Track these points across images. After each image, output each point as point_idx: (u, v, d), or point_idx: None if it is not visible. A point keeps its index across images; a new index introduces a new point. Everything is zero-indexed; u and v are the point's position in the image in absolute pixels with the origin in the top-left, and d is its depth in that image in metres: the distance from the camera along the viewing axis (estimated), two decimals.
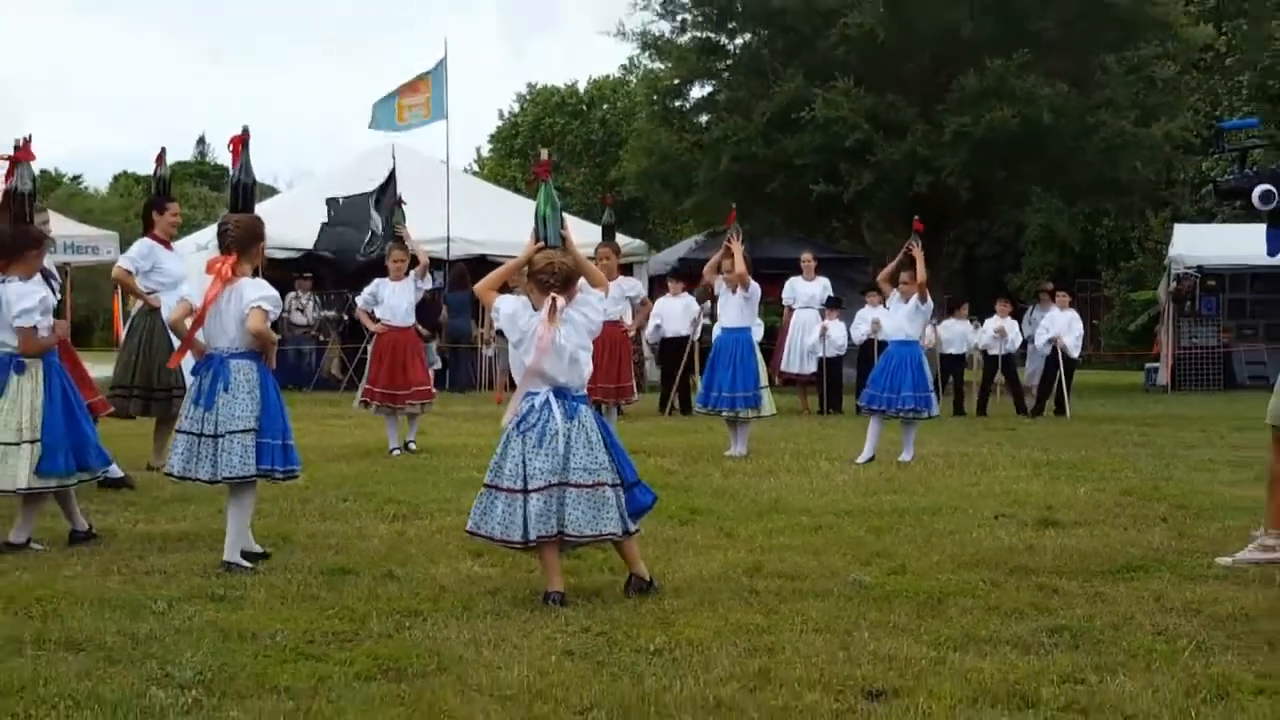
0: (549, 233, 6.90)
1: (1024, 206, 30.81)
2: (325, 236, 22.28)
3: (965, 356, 20.91)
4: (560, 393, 6.51)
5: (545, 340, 6.43)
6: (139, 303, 11.37)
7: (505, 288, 6.95)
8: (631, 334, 15.97)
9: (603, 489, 6.44)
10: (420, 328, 13.18)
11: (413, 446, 13.04)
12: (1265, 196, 7.20)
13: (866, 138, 25.10)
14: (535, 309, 6.58)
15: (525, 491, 6.35)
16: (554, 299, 6.51)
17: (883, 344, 15.11)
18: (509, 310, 6.65)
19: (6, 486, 7.55)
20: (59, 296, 10.03)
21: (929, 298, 12.86)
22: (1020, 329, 21.48)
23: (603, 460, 6.48)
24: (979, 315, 21.64)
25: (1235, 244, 24.69)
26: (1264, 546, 7.42)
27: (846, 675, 5.12)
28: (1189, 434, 15.95)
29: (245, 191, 7.94)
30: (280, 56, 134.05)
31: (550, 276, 6.59)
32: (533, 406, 6.47)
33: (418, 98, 25.22)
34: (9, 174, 8.69)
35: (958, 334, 20.51)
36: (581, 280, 6.81)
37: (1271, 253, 7.46)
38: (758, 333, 13.87)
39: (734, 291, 13.10)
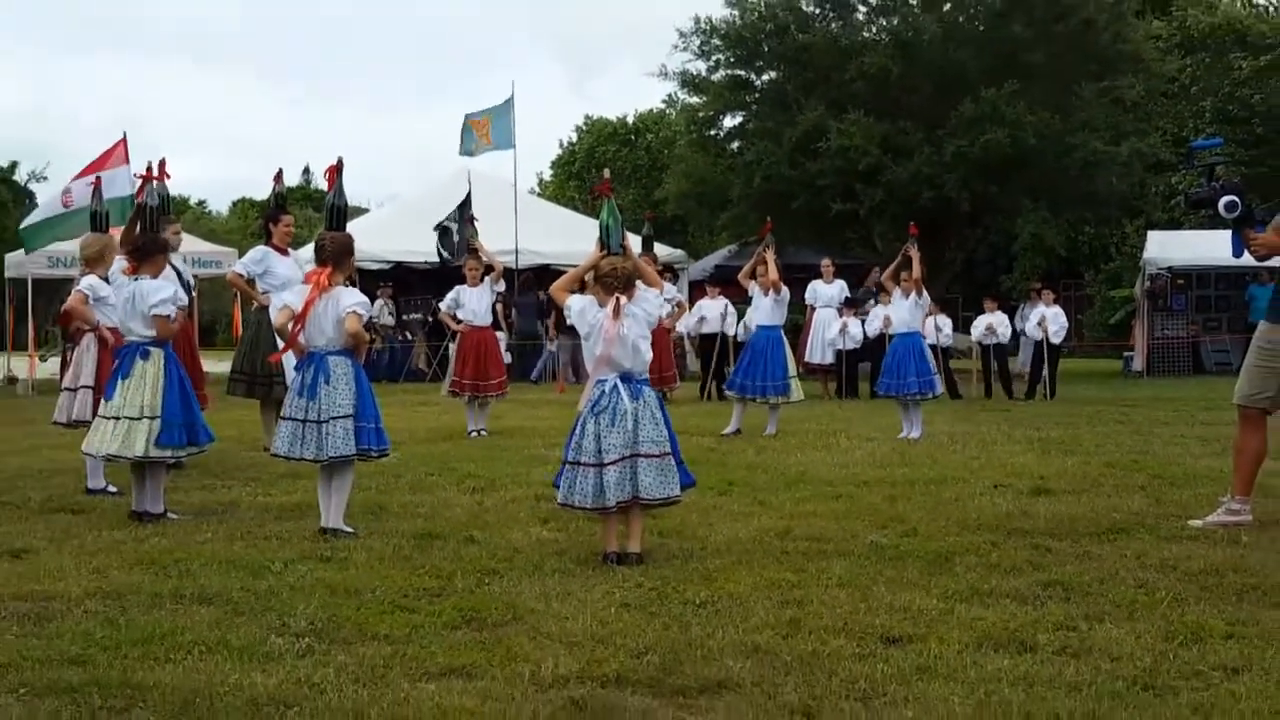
0: (612, 241, 6.92)
1: (1015, 217, 30.58)
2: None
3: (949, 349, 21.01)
4: (625, 377, 6.53)
5: (611, 332, 6.46)
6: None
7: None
8: (673, 332, 16.04)
9: (667, 458, 6.47)
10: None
11: (484, 432, 13.07)
12: (1230, 206, 7.18)
13: (877, 161, 25.07)
14: (601, 306, 6.61)
15: (601, 465, 6.37)
16: (618, 297, 6.54)
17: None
18: (579, 307, 6.68)
19: (127, 454, 7.63)
20: (193, 296, 10.16)
21: (925, 291, 12.99)
22: (1013, 323, 21.56)
23: (665, 434, 6.50)
24: (975, 312, 21.59)
25: (1202, 248, 24.47)
26: (1230, 510, 7.37)
27: (867, 624, 5.11)
28: (1163, 413, 15.78)
29: (338, 212, 8.00)
30: (371, 96, 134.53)
31: (614, 279, 6.62)
32: (603, 391, 6.49)
33: (481, 131, 25.41)
34: (140, 191, 8.83)
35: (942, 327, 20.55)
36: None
37: (1236, 254, 7.42)
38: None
39: (766, 294, 13.15)
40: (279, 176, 11.88)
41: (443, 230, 19.98)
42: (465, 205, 18.82)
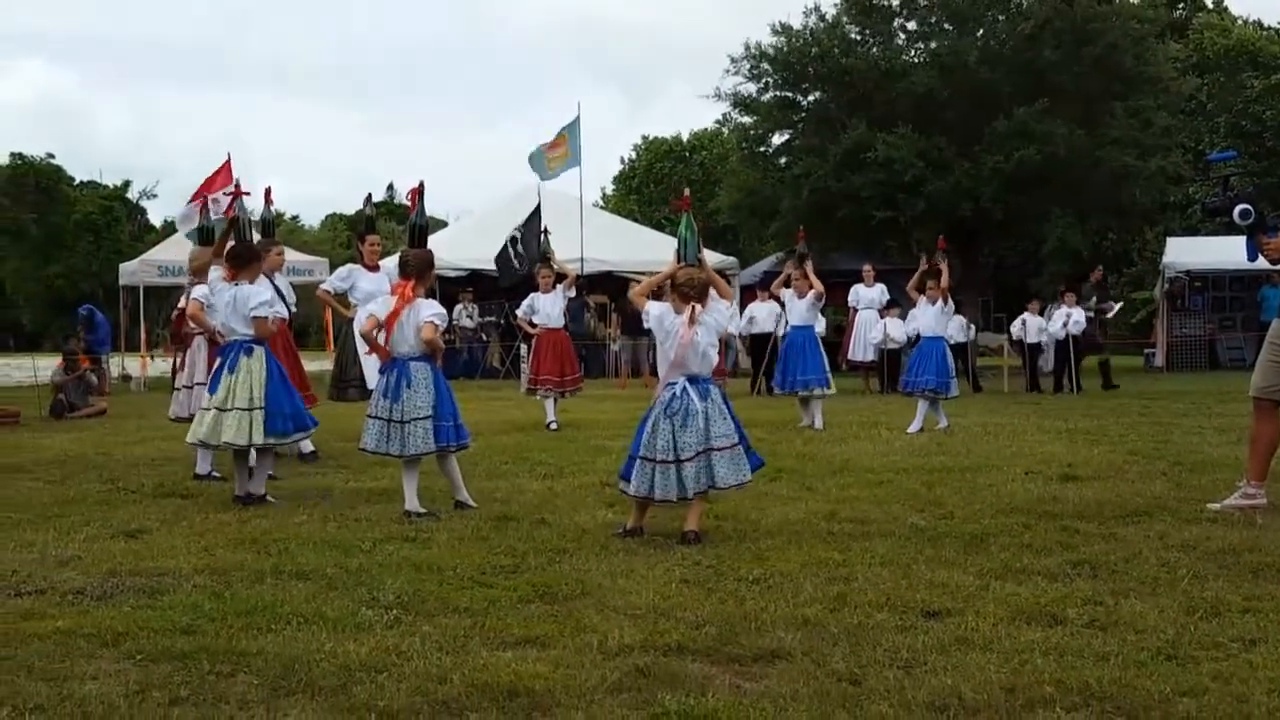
0: (688, 253, 6.90)
1: (1044, 225, 30.30)
2: (502, 271, 22.01)
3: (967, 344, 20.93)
4: (693, 380, 6.51)
5: (686, 338, 6.45)
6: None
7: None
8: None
9: (737, 448, 6.49)
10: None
11: (554, 424, 13.07)
12: (1244, 214, 7.12)
13: (919, 173, 24.92)
14: (676, 313, 6.59)
15: (678, 461, 6.37)
16: (694, 306, 6.52)
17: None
18: (657, 313, 6.68)
19: (242, 441, 7.74)
20: (294, 310, 10.31)
21: (950, 299, 12.93)
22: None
23: (732, 427, 6.51)
24: (1009, 312, 21.50)
25: (1217, 253, 24.16)
26: (1246, 495, 7.27)
27: (908, 599, 5.07)
28: (1182, 405, 15.56)
29: (421, 231, 8.08)
30: (446, 120, 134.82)
31: (690, 288, 6.60)
32: (674, 394, 6.48)
33: (559, 150, 25.31)
34: (230, 207, 8.97)
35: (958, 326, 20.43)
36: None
37: (1250, 259, 7.35)
38: (820, 326, 13.95)
39: (800, 298, 13.15)
40: (368, 200, 12.03)
41: (511, 241, 20.02)
42: (535, 218, 18.89)
